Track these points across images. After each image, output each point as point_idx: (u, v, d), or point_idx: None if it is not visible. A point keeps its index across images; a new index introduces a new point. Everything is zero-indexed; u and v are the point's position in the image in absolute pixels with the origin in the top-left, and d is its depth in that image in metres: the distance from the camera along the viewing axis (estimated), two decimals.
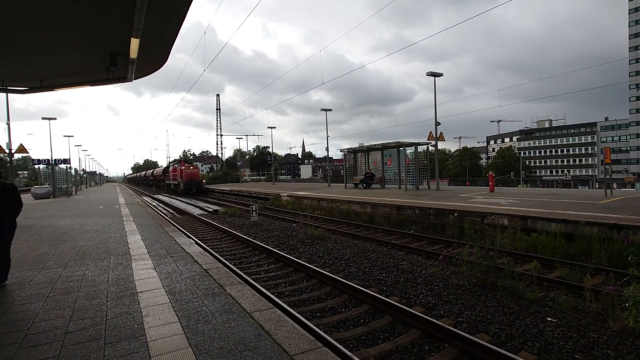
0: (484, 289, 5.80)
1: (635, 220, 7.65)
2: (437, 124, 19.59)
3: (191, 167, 36.19)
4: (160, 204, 26.47)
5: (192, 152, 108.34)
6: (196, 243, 8.78)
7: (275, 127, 50.13)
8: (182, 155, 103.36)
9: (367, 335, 4.55)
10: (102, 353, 2.91)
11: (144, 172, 75.12)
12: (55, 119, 30.04)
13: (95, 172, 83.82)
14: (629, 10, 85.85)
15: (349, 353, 3.66)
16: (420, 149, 20.71)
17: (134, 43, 6.45)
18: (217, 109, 66.80)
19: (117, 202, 20.88)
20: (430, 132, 19.70)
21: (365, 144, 29.20)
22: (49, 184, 27.50)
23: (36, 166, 31.99)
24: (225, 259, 8.34)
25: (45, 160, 27.50)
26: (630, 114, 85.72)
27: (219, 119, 66.78)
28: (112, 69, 7.82)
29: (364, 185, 23.07)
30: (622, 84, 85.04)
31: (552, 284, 5.99)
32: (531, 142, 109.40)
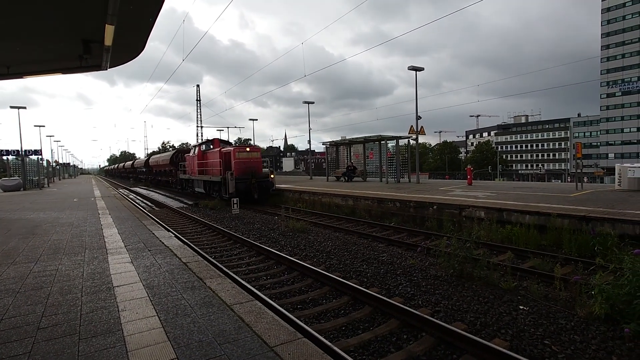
0: (460, 279, 5.96)
1: (602, 213, 8.01)
2: (418, 118, 19.83)
3: (247, 150, 19.05)
4: (138, 197, 25.83)
5: (171, 144, 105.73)
6: (175, 236, 8.65)
7: (256, 120, 49.59)
8: (160, 147, 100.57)
9: (348, 325, 4.62)
10: (77, 349, 2.84)
11: (122, 164, 70.99)
12: (24, 107, 28.66)
13: (68, 163, 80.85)
14: (601, 9, 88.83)
15: (328, 343, 3.71)
16: (402, 142, 20.94)
17: (109, 30, 6.20)
18: (197, 100, 65.36)
19: (93, 194, 20.25)
20: (411, 126, 19.94)
21: (347, 137, 29.29)
22: (18, 176, 26.35)
23: (4, 157, 30.51)
24: (205, 252, 8.25)
25: (14, 151, 26.32)
26: (600, 110, 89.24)
27: (199, 111, 65.38)
28: (86, 56, 7.51)
29: (346, 178, 23.19)
30: (594, 82, 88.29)
31: (525, 274, 6.23)
32: (508, 136, 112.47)
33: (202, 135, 65.87)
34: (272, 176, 18.80)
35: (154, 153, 73.90)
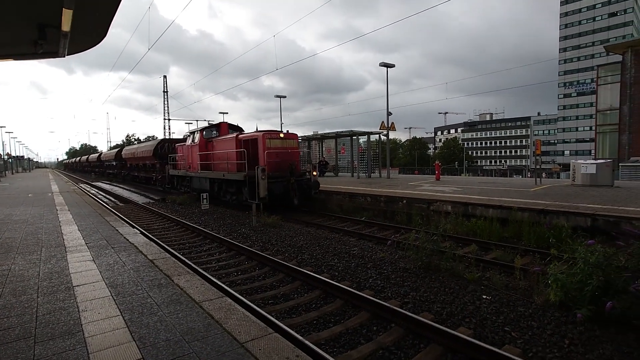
0: (428, 271, 6.15)
1: (558, 206, 8.51)
2: (389, 114, 20.16)
3: (281, 136, 13.69)
4: (100, 192, 24.65)
5: (136, 137, 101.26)
6: (141, 233, 8.34)
7: (227, 113, 48.55)
8: (124, 140, 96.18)
9: (319, 319, 4.65)
10: (32, 352, 2.68)
11: (85, 157, 65.94)
12: None
13: (22, 156, 75.68)
14: (560, 14, 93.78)
15: (300, 337, 3.72)
16: (373, 138, 21.24)
17: (66, 14, 5.80)
18: (164, 91, 62.96)
19: (50, 189, 19.09)
20: (383, 121, 20.25)
21: (319, 132, 29.34)
22: None
23: None
24: (173, 248, 8.01)
25: None
26: (558, 110, 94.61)
27: (166, 102, 63.05)
28: (41, 42, 7.01)
29: (318, 173, 23.27)
30: (553, 82, 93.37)
31: (488, 265, 6.52)
32: (474, 133, 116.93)
33: (169, 128, 63.62)
34: (314, 173, 13.73)
35: (118, 146, 70.37)
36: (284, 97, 31.39)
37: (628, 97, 22.18)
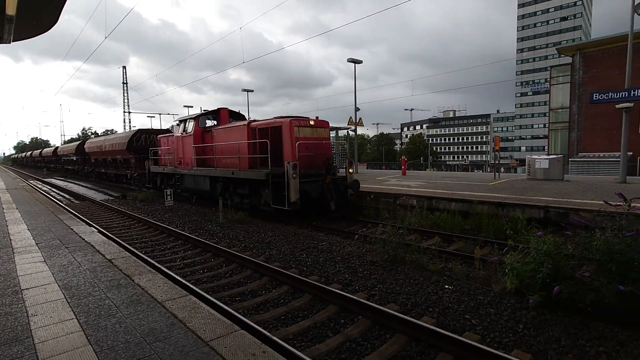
0: (394, 264, 6.31)
1: (514, 199, 9.01)
2: (357, 109, 20.38)
3: (311, 123, 10.74)
4: (53, 189, 23.14)
5: (93, 131, 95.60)
6: (99, 231, 7.94)
7: (192, 107, 47.04)
8: (81, 134, 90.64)
9: (287, 314, 4.64)
10: None
11: (38, 151, 60.31)
12: None
13: None
14: (517, 16, 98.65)
15: (266, 333, 3.69)
16: (341, 133, 21.41)
17: None
18: (123, 82, 59.87)
19: None
20: (351, 117, 20.45)
21: None
22: None
23: None
24: (134, 247, 7.68)
25: None
26: (515, 108, 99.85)
27: (126, 94, 60.04)
28: None
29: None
30: (511, 81, 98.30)
31: (450, 256, 6.79)
32: (438, 130, 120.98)
33: (130, 122, 60.56)
34: (350, 171, 11.42)
35: (74, 140, 66.01)
36: (251, 91, 30.90)
37: (577, 96, 23.77)
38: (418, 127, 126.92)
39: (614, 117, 19.08)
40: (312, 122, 10.67)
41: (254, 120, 11.50)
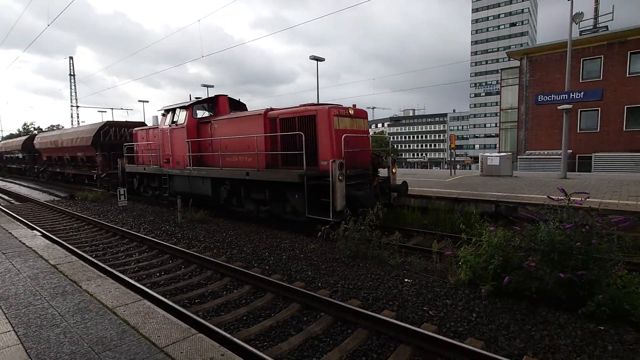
0: (356, 260, 6.40)
1: (468, 194, 9.47)
2: None
3: (350, 112, 8.70)
4: None
5: (37, 126, 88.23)
6: (42, 235, 7.37)
7: (147, 101, 44.93)
8: (21, 130, 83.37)
9: (249, 315, 4.56)
10: None
11: None
12: None
13: None
14: (471, 20, 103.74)
15: (226, 335, 3.60)
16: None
17: None
18: (70, 74, 55.82)
19: None
20: None
21: None
22: None
23: None
24: (83, 251, 7.19)
25: None
26: (470, 107, 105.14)
27: (73, 87, 56.03)
28: None
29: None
30: (466, 82, 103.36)
31: (410, 250, 7.00)
32: (399, 128, 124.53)
33: (78, 117, 56.33)
34: (394, 171, 9.73)
35: (14, 135, 60.53)
36: (212, 86, 30.02)
37: (524, 98, 25.43)
38: (380, 125, 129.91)
39: (556, 118, 20.66)
40: (351, 112, 8.84)
41: (272, 109, 9.54)
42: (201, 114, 11.74)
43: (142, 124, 16.44)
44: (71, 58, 56.30)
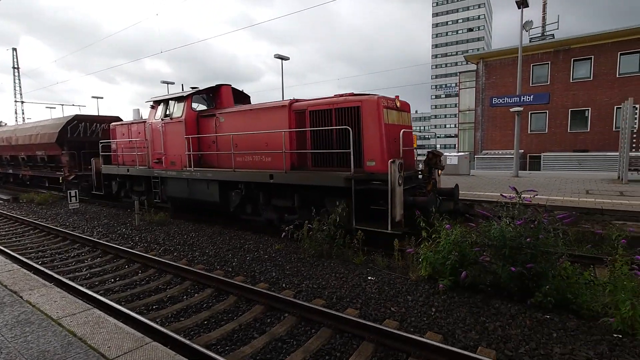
0: (321, 259, 6.42)
1: None
2: None
3: (397, 104, 7.48)
4: None
5: None
6: None
7: (102, 97, 42.45)
8: None
9: (211, 319, 4.43)
10: None
11: None
12: None
13: None
14: (432, 24, 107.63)
15: (185, 341, 3.47)
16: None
17: None
18: (14, 67, 51.61)
19: None
20: None
21: None
22: None
23: None
24: (27, 258, 6.66)
25: None
26: (431, 108, 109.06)
27: (17, 81, 51.85)
28: None
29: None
30: (427, 84, 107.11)
31: (373, 249, 7.10)
32: None
33: (23, 113, 52.19)
34: (439, 174, 8.34)
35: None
36: (172, 83, 28.96)
37: (481, 100, 26.75)
38: None
39: (510, 119, 21.90)
40: (398, 104, 7.62)
41: (297, 100, 8.16)
42: (197, 106, 10.22)
43: (118, 118, 14.79)
44: (14, 49, 52.06)
